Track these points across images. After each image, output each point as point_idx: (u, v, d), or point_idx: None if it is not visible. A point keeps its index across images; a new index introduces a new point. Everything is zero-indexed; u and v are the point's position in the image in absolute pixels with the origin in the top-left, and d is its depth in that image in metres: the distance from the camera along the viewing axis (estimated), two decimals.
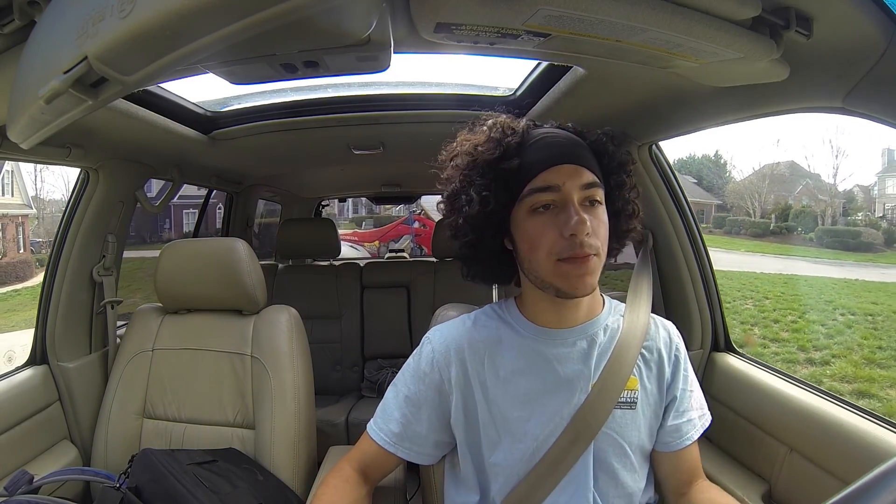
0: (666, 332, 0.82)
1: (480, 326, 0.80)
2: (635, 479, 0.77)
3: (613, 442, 0.74)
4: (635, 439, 0.76)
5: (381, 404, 0.83)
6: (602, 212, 0.71)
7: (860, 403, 1.00)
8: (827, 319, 5.57)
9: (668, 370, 0.79)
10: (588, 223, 0.66)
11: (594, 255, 0.68)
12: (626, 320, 0.79)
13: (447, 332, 0.81)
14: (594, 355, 0.75)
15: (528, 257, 0.71)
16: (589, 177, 0.70)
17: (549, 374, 0.74)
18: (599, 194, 0.71)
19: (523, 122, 0.75)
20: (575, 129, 0.76)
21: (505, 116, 0.76)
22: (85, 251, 1.28)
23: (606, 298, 0.82)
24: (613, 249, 0.77)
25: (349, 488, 0.79)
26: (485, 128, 0.75)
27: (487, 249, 0.75)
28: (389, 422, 0.80)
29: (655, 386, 0.78)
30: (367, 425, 0.83)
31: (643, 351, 0.77)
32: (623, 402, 0.74)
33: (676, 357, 0.80)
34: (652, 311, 0.84)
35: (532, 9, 0.56)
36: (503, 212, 0.72)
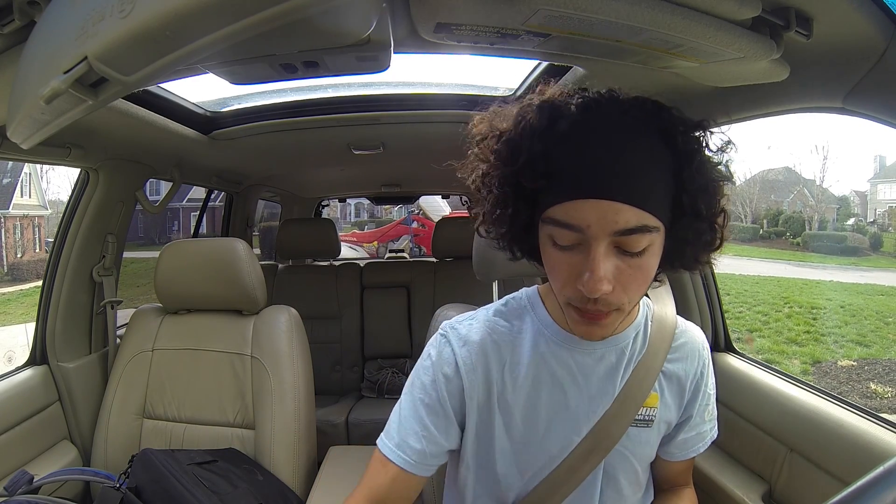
0: (692, 341, 0.73)
1: (502, 325, 0.71)
2: (638, 492, 0.75)
3: (624, 459, 0.70)
4: (646, 456, 0.73)
5: (394, 417, 0.70)
6: (646, 257, 0.53)
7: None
8: (772, 311, 6.57)
9: (689, 388, 0.73)
10: (608, 283, 0.51)
11: (613, 310, 0.55)
12: (653, 326, 0.71)
13: (467, 332, 0.71)
14: (621, 369, 0.68)
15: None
16: (629, 219, 0.50)
17: (571, 387, 0.68)
18: (644, 242, 0.52)
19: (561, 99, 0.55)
20: (643, 108, 0.54)
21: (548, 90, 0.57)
22: (85, 251, 1.28)
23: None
24: (661, 276, 0.62)
25: None
26: (515, 110, 0.58)
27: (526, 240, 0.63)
28: (408, 436, 0.67)
29: (675, 403, 0.72)
30: (378, 446, 0.69)
31: (667, 365, 0.71)
32: (640, 420, 0.69)
33: (701, 373, 0.72)
34: None
35: (532, 9, 0.56)
36: (531, 220, 0.59)
